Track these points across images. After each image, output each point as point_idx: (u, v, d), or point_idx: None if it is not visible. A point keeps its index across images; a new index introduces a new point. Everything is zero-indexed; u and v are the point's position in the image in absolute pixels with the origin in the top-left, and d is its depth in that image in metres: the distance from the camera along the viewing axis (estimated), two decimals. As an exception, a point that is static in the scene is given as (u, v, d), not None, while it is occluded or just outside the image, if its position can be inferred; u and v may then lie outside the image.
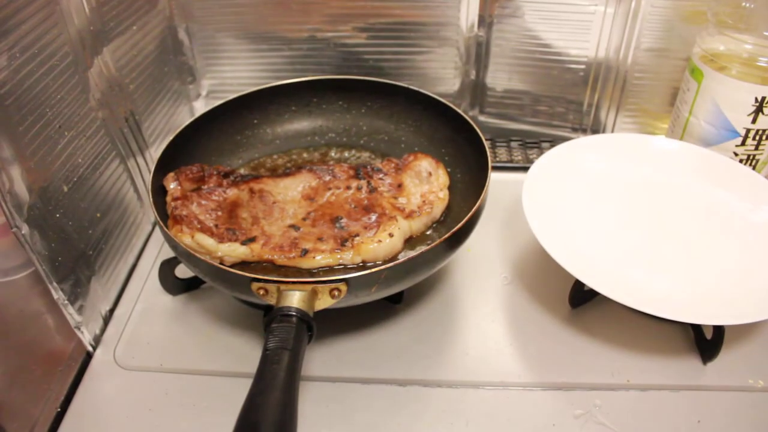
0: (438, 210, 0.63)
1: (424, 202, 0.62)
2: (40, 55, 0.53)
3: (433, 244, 0.52)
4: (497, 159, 0.83)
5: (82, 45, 0.60)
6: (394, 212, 0.60)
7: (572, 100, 0.83)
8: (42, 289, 0.55)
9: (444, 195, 0.63)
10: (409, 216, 0.60)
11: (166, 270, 0.63)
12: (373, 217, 0.60)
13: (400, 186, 0.64)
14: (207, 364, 0.58)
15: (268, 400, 0.41)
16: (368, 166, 0.66)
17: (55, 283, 0.54)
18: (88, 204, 0.61)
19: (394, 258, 0.58)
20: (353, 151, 0.74)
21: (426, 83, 0.83)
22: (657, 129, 0.84)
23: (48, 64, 0.54)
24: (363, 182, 0.64)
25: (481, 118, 0.87)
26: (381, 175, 0.65)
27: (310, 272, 0.57)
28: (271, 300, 0.49)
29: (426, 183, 0.64)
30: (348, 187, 0.64)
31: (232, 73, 0.85)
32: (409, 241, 0.61)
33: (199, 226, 0.57)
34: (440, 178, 0.65)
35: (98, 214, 0.62)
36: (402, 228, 0.59)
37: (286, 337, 0.44)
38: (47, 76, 0.54)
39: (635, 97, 0.82)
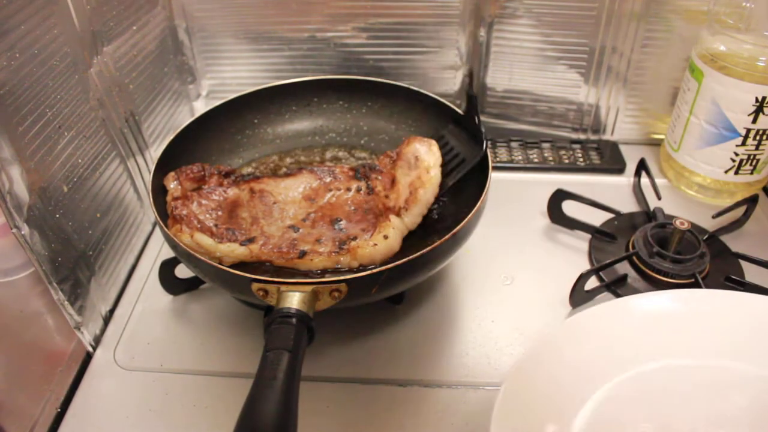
0: (425, 195, 0.60)
1: (410, 192, 0.61)
2: (40, 55, 0.53)
3: (433, 245, 0.52)
4: (497, 159, 0.82)
5: (82, 45, 0.60)
6: (386, 212, 0.60)
7: (572, 100, 0.83)
8: (42, 290, 0.55)
9: (432, 176, 0.61)
10: (398, 213, 0.60)
11: (166, 270, 0.63)
12: (371, 220, 0.60)
13: (393, 182, 0.63)
14: (207, 365, 0.58)
15: (268, 401, 0.40)
16: (366, 165, 0.66)
17: (55, 284, 0.54)
18: (88, 204, 0.60)
19: (392, 258, 0.58)
20: (354, 151, 0.74)
21: (426, 83, 0.83)
22: (657, 129, 0.84)
23: (48, 64, 0.54)
24: (362, 183, 0.64)
25: (482, 118, 0.86)
26: (377, 174, 0.64)
27: (308, 273, 0.57)
28: (272, 301, 0.49)
29: (414, 169, 0.62)
30: (348, 189, 0.64)
31: (232, 73, 0.85)
32: (409, 239, 0.61)
33: (198, 225, 0.57)
34: (430, 157, 0.63)
35: (98, 215, 0.62)
36: (397, 227, 0.58)
37: (286, 338, 0.44)
38: (47, 76, 0.54)
39: (635, 97, 0.82)
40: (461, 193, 0.65)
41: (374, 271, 0.49)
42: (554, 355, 0.50)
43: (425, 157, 0.63)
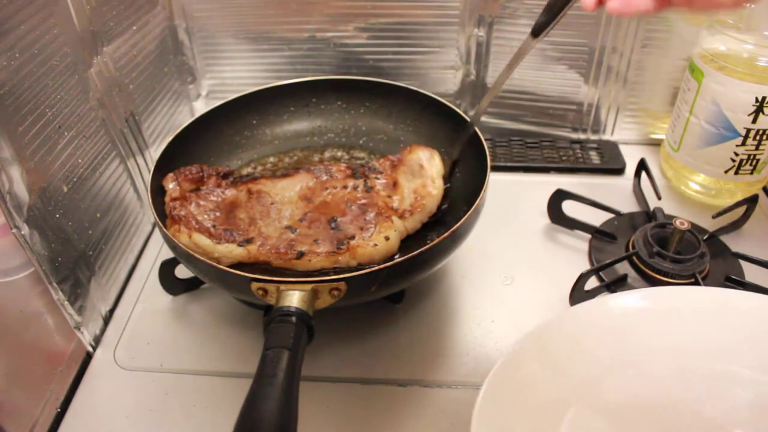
0: (431, 203, 0.62)
1: (416, 198, 0.61)
2: (39, 55, 0.53)
3: (431, 244, 0.52)
4: (497, 159, 0.82)
5: (82, 45, 0.60)
6: (389, 213, 0.60)
7: (572, 100, 0.83)
8: (42, 290, 0.55)
9: (437, 186, 0.62)
10: (402, 216, 0.60)
11: (166, 270, 0.63)
12: (369, 218, 0.60)
13: (395, 184, 0.63)
14: (207, 364, 0.58)
15: (268, 401, 0.40)
16: (365, 165, 0.66)
17: (54, 284, 0.54)
18: (88, 204, 0.61)
19: (390, 259, 0.58)
20: (352, 151, 0.74)
21: (426, 83, 0.83)
22: (657, 129, 0.84)
23: (48, 64, 0.54)
24: (360, 181, 0.64)
25: (481, 117, 0.87)
26: (377, 174, 0.64)
27: (307, 273, 0.57)
28: (271, 300, 0.49)
29: (419, 177, 0.63)
30: (345, 187, 0.63)
31: (232, 73, 0.85)
32: (408, 238, 0.61)
33: (197, 226, 0.57)
34: (433, 167, 0.64)
35: (98, 215, 0.62)
36: (398, 229, 0.59)
37: (285, 337, 0.44)
38: (47, 76, 0.54)
39: (635, 97, 0.82)
40: (461, 192, 0.66)
41: (373, 269, 0.50)
42: (537, 354, 0.50)
43: (430, 167, 0.64)
